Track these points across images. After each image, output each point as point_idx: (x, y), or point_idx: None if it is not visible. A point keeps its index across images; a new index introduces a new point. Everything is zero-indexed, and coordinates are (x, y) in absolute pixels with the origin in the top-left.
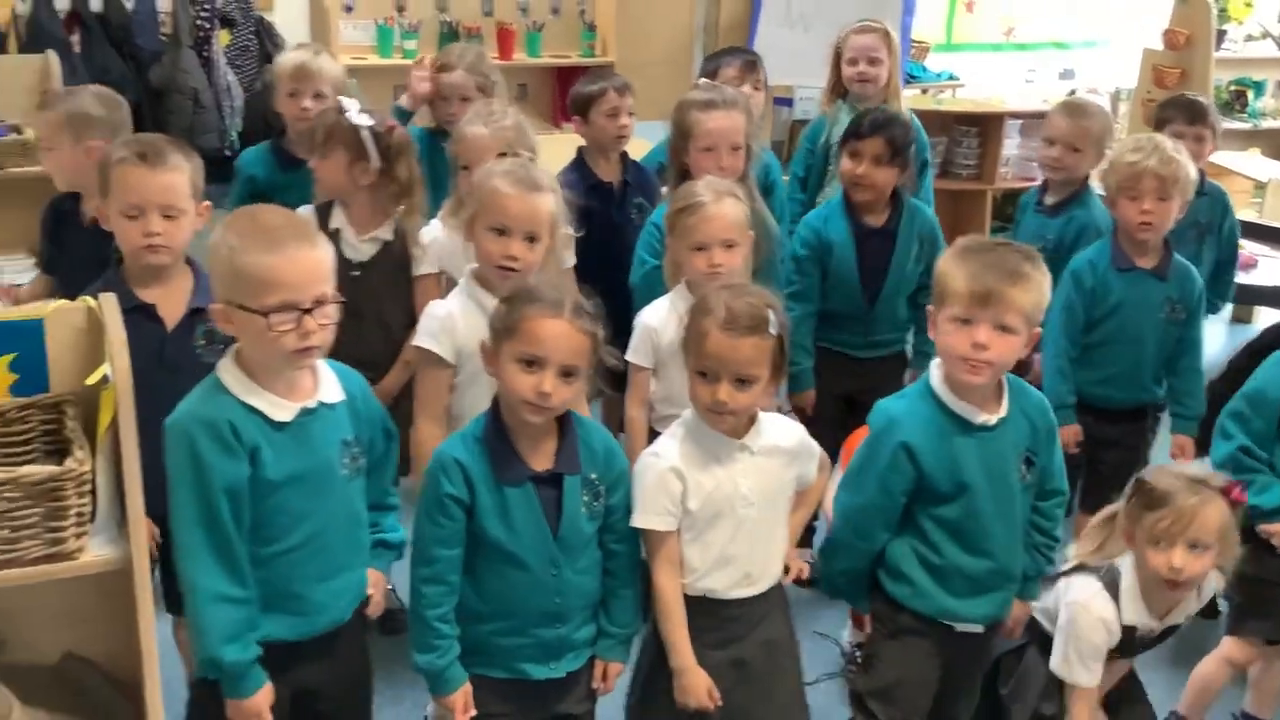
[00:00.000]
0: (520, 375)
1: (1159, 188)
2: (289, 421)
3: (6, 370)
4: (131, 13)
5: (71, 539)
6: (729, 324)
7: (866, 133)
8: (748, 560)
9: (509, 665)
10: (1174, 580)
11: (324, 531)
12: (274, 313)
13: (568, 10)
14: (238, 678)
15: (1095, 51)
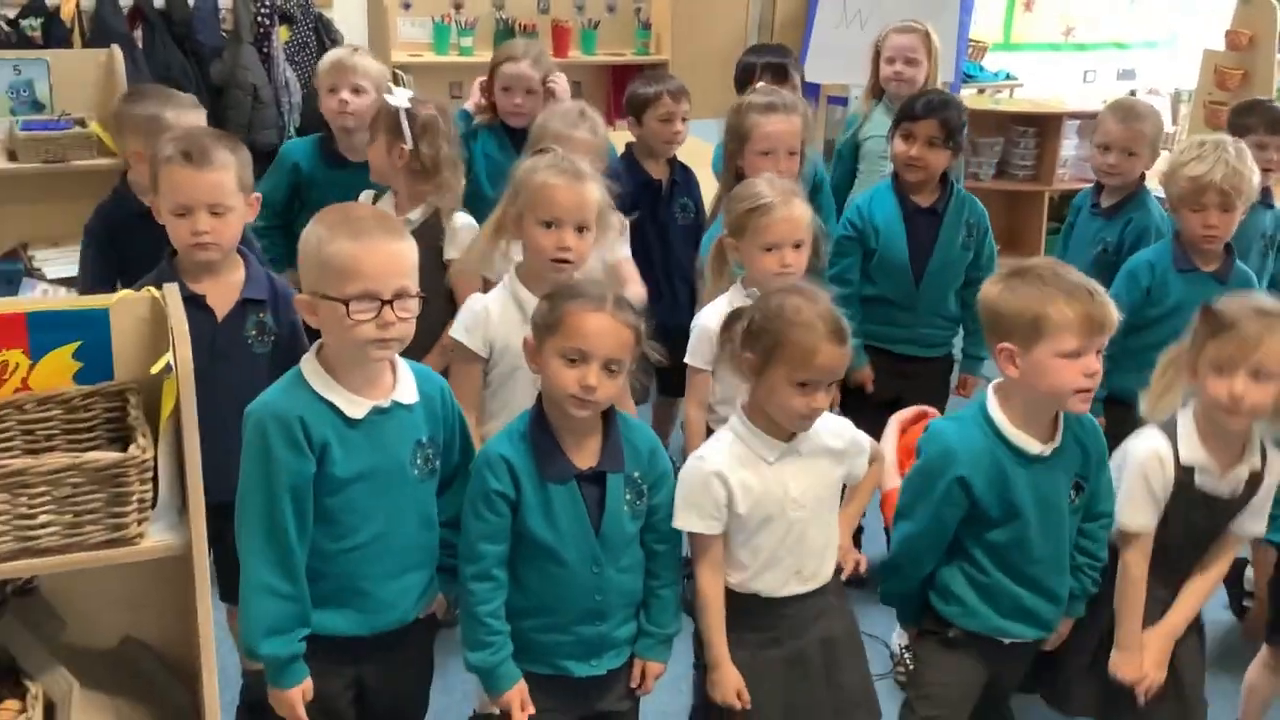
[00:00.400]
0: (564, 370)
1: (1222, 200)
2: (361, 419)
3: (71, 358)
4: (193, 9)
5: (133, 525)
6: (835, 336)
7: (921, 114)
8: (798, 560)
9: (550, 661)
10: (1233, 410)
11: (392, 530)
12: (354, 300)
13: (623, 8)
14: (276, 669)
15: (1155, 52)
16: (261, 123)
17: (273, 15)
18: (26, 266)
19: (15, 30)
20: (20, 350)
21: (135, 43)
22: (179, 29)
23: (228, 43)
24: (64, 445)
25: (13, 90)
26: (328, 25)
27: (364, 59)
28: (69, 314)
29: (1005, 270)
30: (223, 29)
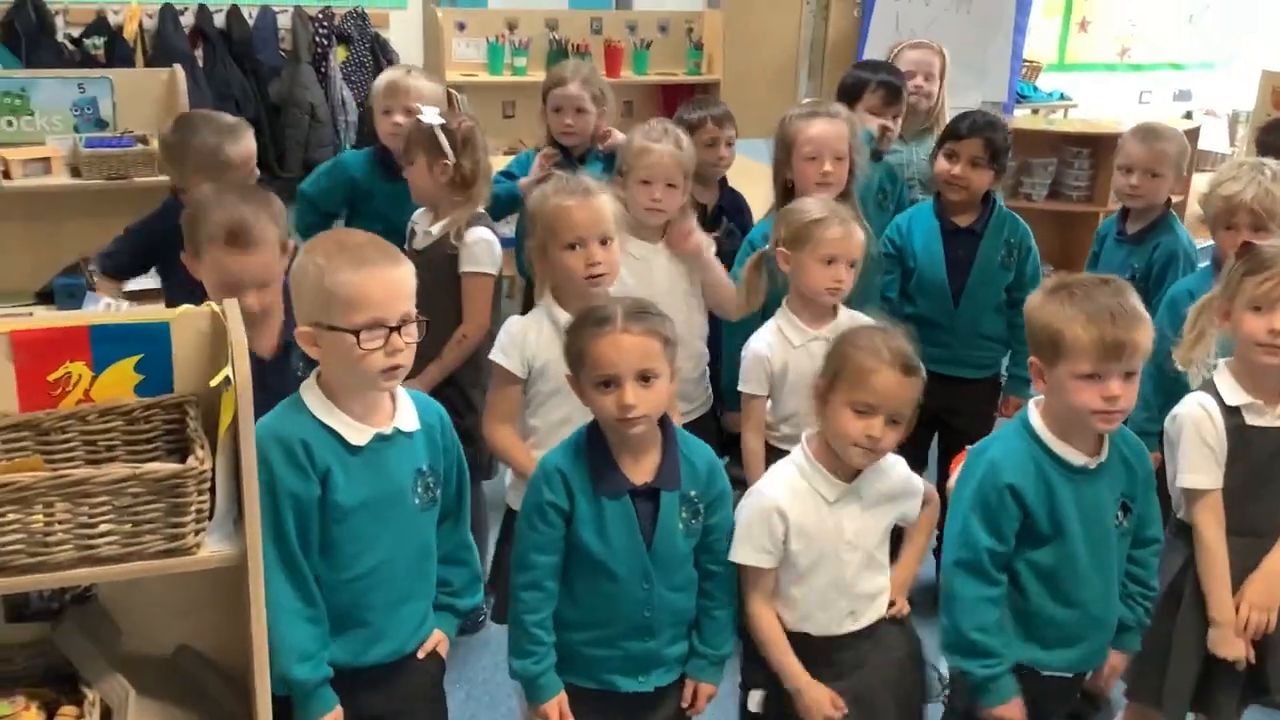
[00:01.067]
0: (602, 398)
1: (1254, 220)
2: (363, 446)
3: (133, 371)
4: (253, 29)
5: (190, 535)
6: (898, 363)
7: (966, 134)
8: (850, 602)
9: (597, 676)
10: (1272, 344)
11: (393, 560)
12: (364, 330)
13: (675, 28)
14: (307, 697)
15: (1213, 73)
16: (318, 140)
17: (331, 35)
18: (88, 281)
19: (79, 49)
20: (83, 362)
21: (196, 61)
22: (239, 48)
23: (286, 62)
24: (124, 456)
25: (77, 108)
26: (384, 45)
27: (418, 80)
28: (131, 327)
29: (1051, 282)
30: (281, 49)
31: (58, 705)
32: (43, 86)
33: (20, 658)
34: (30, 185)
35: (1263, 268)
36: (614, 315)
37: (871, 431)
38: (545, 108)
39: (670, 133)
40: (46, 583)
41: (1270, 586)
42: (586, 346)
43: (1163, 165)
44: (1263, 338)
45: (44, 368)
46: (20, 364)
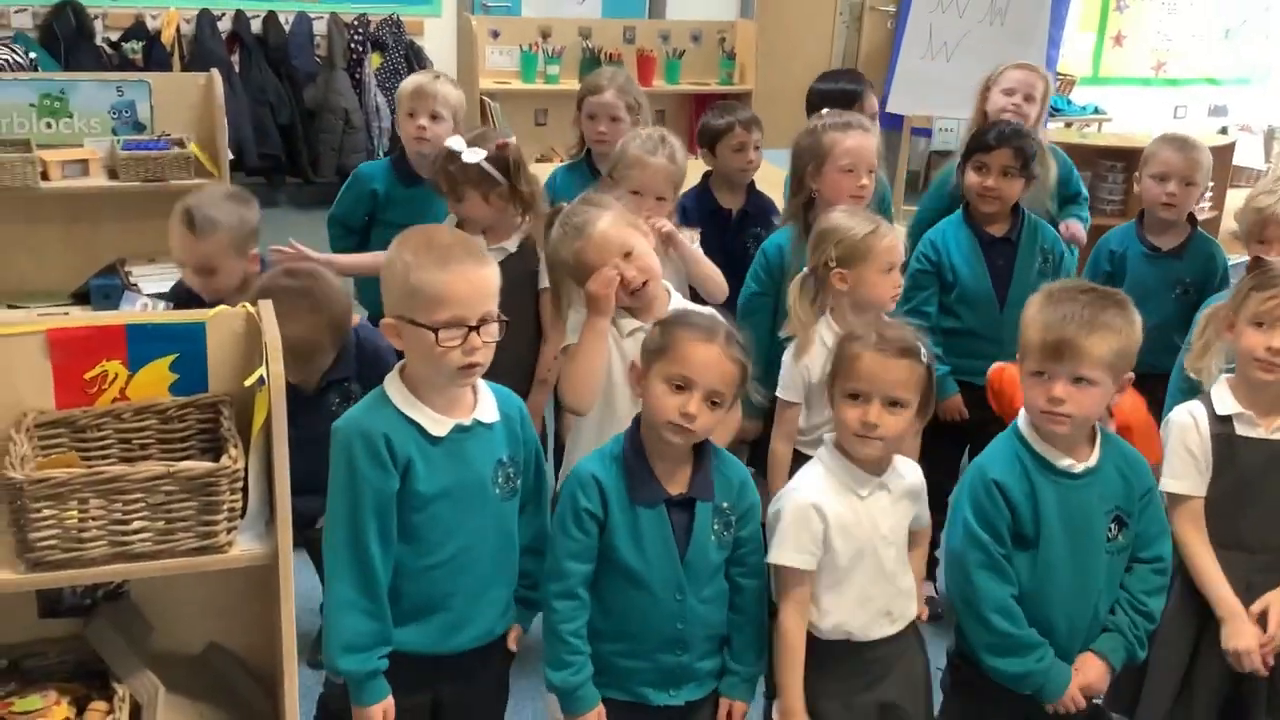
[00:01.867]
0: (667, 395)
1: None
2: (443, 437)
3: (168, 370)
4: (289, 35)
5: (222, 533)
6: (882, 345)
7: (995, 144)
8: (888, 599)
9: (628, 688)
10: (1269, 361)
11: (474, 547)
12: (443, 328)
13: (708, 39)
14: (356, 686)
15: (1249, 88)
16: (352, 147)
17: (366, 42)
18: (124, 282)
19: (118, 53)
20: (120, 361)
21: (232, 67)
22: (275, 54)
23: (321, 68)
24: (159, 454)
25: (115, 111)
26: (418, 53)
27: (444, 86)
28: (167, 327)
29: (1045, 290)
30: (317, 55)
31: (88, 700)
32: (81, 89)
33: (52, 653)
34: (68, 187)
35: (1270, 284)
36: (719, 329)
37: (867, 417)
38: (579, 114)
39: (666, 144)
40: (80, 579)
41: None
42: (678, 343)
43: (1198, 174)
44: (1260, 354)
45: (81, 366)
46: (57, 362)
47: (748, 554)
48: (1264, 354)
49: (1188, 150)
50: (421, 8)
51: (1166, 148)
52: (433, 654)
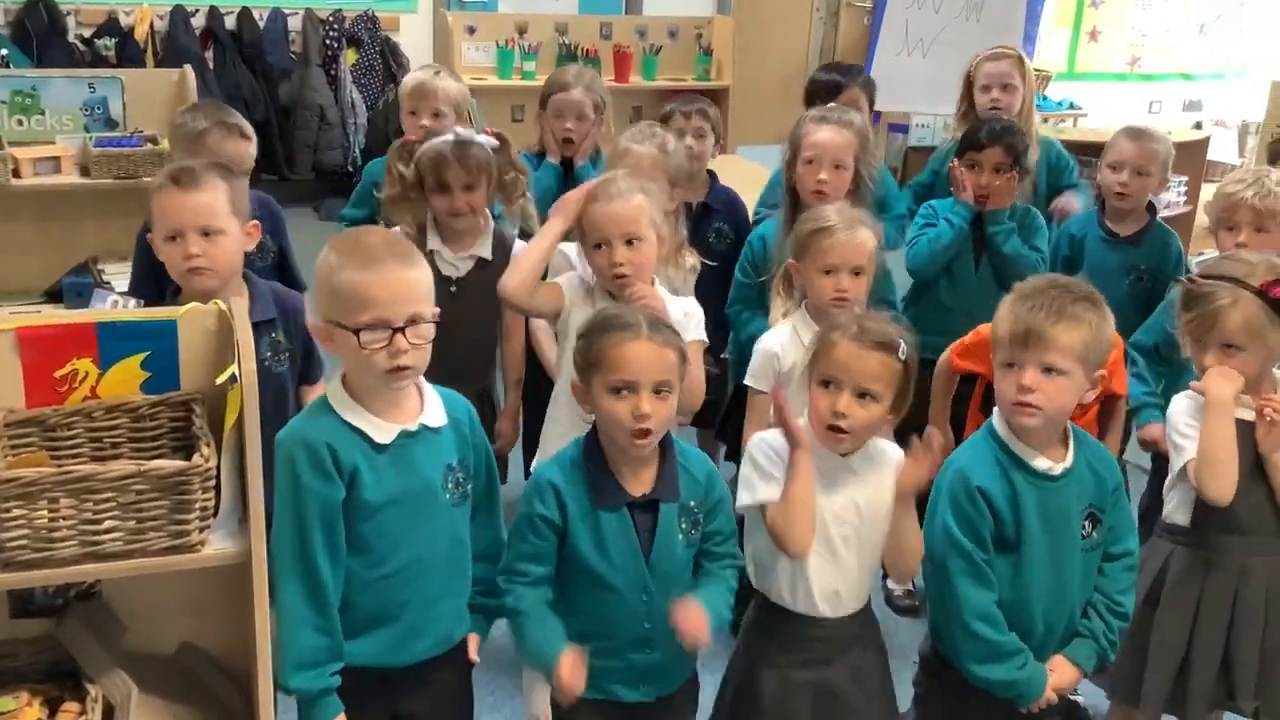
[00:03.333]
0: (615, 404)
1: (1255, 219)
2: (389, 444)
3: (140, 368)
4: (263, 31)
5: (195, 532)
6: (858, 336)
7: (986, 142)
8: (838, 578)
9: (599, 686)
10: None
11: (425, 556)
12: (365, 330)
13: (685, 34)
14: (309, 704)
15: (1223, 83)
16: (327, 143)
17: (341, 38)
18: (96, 280)
19: (91, 50)
20: (90, 359)
21: (207, 63)
22: (249, 50)
23: (296, 64)
24: (130, 453)
25: (87, 108)
26: (394, 49)
27: (445, 82)
28: (138, 325)
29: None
30: (292, 51)
31: (60, 701)
32: (53, 86)
33: (24, 653)
34: (40, 184)
35: (1192, 305)
36: (638, 322)
37: (837, 405)
38: (544, 112)
39: (657, 135)
40: (51, 579)
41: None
42: (607, 351)
43: (1151, 164)
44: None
45: (51, 364)
46: (27, 360)
47: (718, 544)
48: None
49: (1142, 140)
50: (397, 4)
51: (1122, 138)
52: (387, 666)
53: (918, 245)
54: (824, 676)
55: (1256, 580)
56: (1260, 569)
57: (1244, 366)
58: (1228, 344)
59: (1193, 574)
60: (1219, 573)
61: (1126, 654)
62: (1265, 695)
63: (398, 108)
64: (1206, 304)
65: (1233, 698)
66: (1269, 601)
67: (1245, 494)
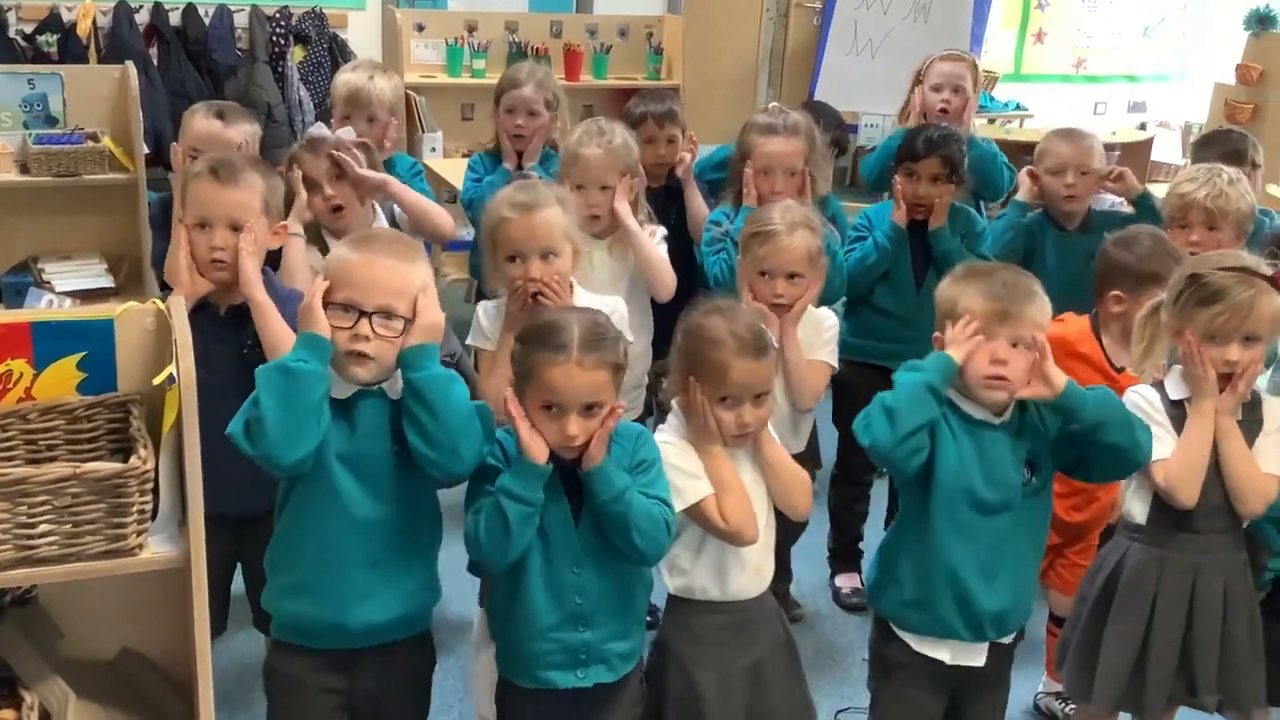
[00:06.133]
0: (546, 421)
1: (1207, 218)
2: (343, 400)
3: (75, 369)
4: (209, 27)
5: (132, 536)
6: (742, 349)
7: (923, 152)
8: (760, 553)
9: (532, 674)
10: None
11: (375, 518)
12: (333, 306)
13: (635, 33)
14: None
15: (1167, 85)
16: (274, 141)
17: (288, 35)
18: (36, 279)
19: (32, 46)
20: (24, 360)
21: (151, 60)
22: (194, 47)
23: (243, 61)
24: (66, 455)
25: (26, 104)
26: (342, 46)
27: (380, 85)
28: (73, 324)
29: (961, 269)
30: (238, 48)
31: None
32: None
33: None
34: None
35: (1215, 299)
36: (570, 343)
37: (743, 419)
38: (497, 109)
39: (605, 133)
40: None
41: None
42: (537, 369)
43: (1091, 160)
44: (1221, 368)
45: None
46: None
47: (648, 487)
48: (1224, 368)
49: (1077, 140)
50: (345, 0)
51: (1057, 141)
52: (342, 650)
53: (848, 261)
54: (755, 655)
55: (1212, 577)
56: (1214, 567)
57: (1259, 357)
58: (1251, 335)
59: (1148, 571)
60: (1174, 570)
61: (1081, 651)
62: (1228, 688)
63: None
64: (1232, 296)
65: (1194, 693)
66: (1227, 597)
67: (1203, 494)
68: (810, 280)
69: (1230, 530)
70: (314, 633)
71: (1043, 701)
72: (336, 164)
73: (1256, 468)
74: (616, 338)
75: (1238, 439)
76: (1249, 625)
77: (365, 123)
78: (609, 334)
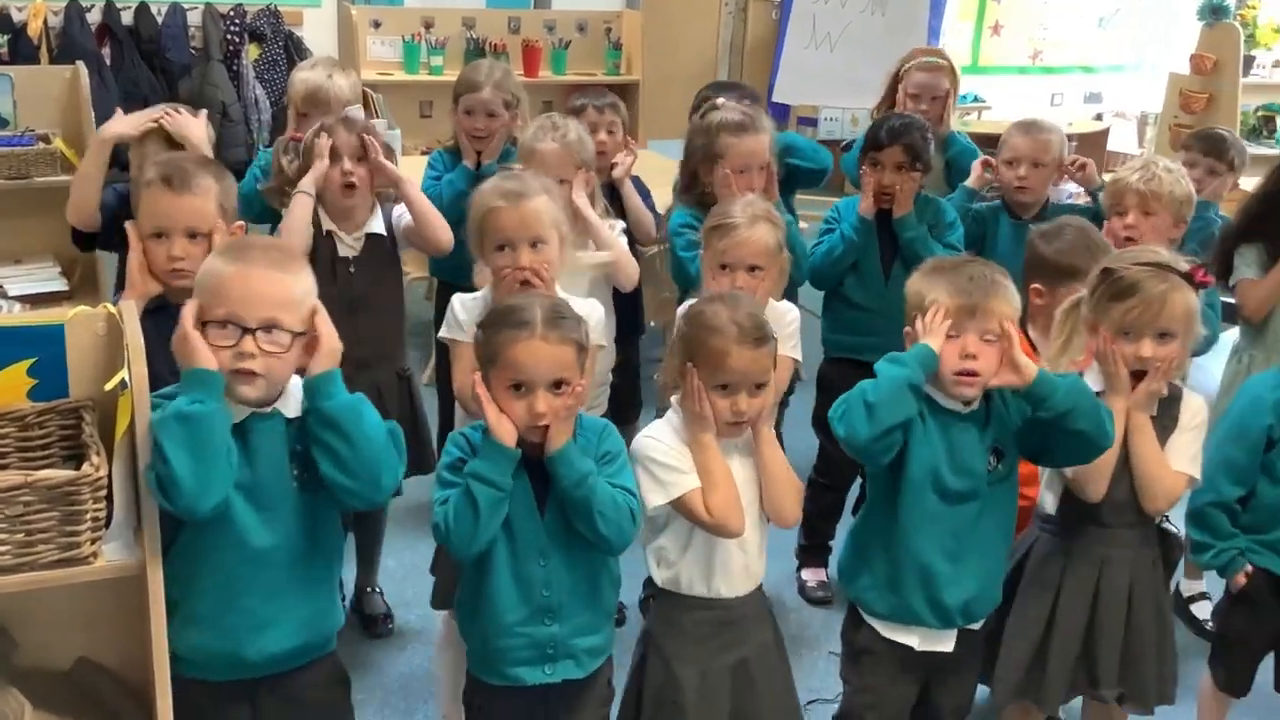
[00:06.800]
0: (513, 402)
1: (1141, 203)
2: (237, 423)
3: (26, 375)
4: (162, 26)
5: (86, 544)
6: (742, 338)
7: (886, 141)
8: (746, 552)
9: (500, 670)
10: (1142, 371)
11: (273, 546)
12: (213, 324)
13: (594, 28)
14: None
15: (1123, 75)
16: (230, 140)
17: (242, 33)
18: None
19: None
20: None
21: (104, 60)
22: (147, 46)
23: (197, 60)
24: (17, 463)
25: None
26: (298, 43)
27: (339, 84)
28: (23, 330)
29: (929, 263)
30: (192, 46)
31: None
32: None
33: None
34: None
35: (1128, 293)
36: (533, 320)
37: (738, 407)
38: (455, 109)
39: (560, 128)
40: None
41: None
42: (502, 348)
43: (1045, 154)
44: (1133, 365)
45: None
46: None
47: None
48: (1136, 364)
49: (1034, 133)
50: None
51: (1015, 133)
52: (239, 657)
53: (816, 254)
54: (740, 654)
55: (1118, 571)
56: (1121, 561)
57: (1173, 354)
58: (1165, 332)
59: (1054, 561)
60: (1080, 562)
61: (991, 633)
62: (1130, 682)
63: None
64: (1146, 291)
65: (1096, 685)
66: (1133, 592)
67: (1111, 488)
68: (770, 273)
69: (1139, 525)
70: (213, 665)
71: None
72: (363, 145)
73: (1165, 466)
74: (578, 319)
75: (1149, 437)
76: (1156, 620)
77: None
78: (570, 314)
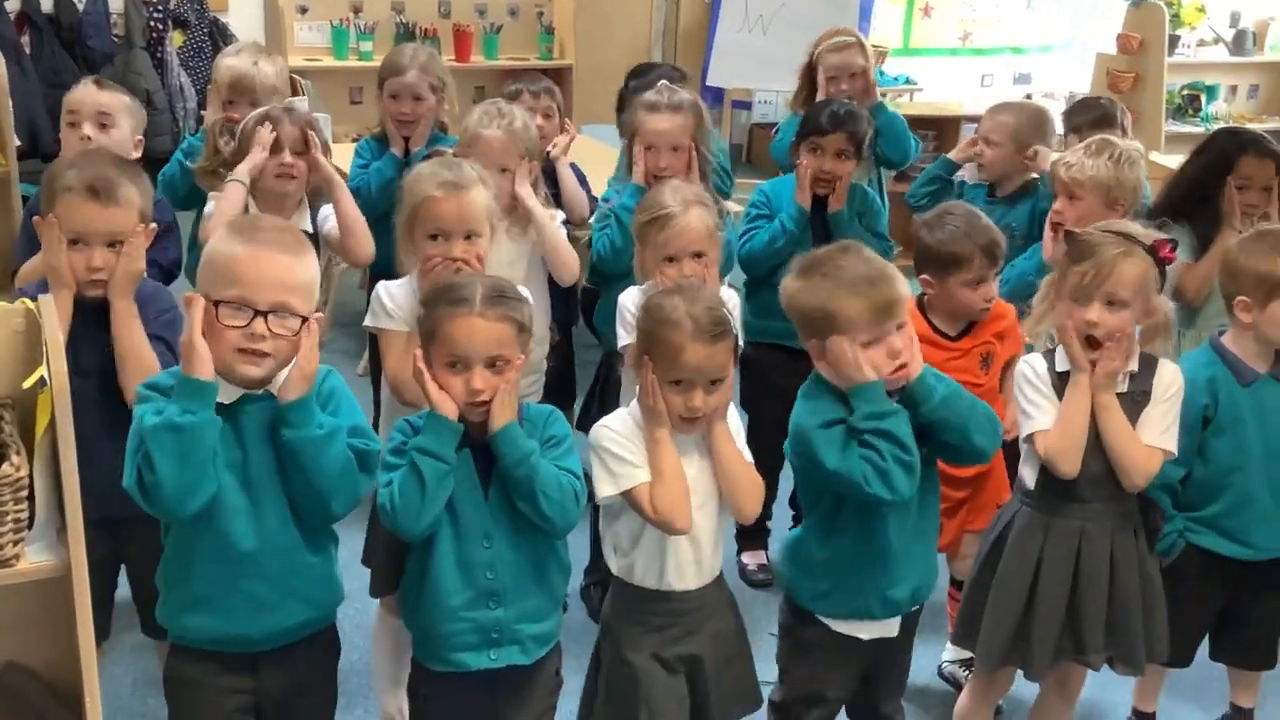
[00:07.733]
0: (451, 379)
1: (1064, 189)
2: (229, 405)
3: None
4: (83, 13)
5: (8, 545)
6: (700, 333)
7: (829, 128)
8: (697, 547)
9: (443, 656)
10: (1091, 336)
11: (269, 531)
12: (225, 305)
13: (526, 12)
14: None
15: (1051, 56)
16: (155, 129)
17: (166, 20)
18: None
19: None
20: None
21: (23, 49)
22: (68, 34)
23: (119, 48)
24: None
25: None
26: (223, 30)
27: (264, 70)
28: None
29: (798, 264)
30: (114, 34)
31: None
32: None
33: None
34: None
35: (1083, 257)
36: (472, 297)
37: (694, 403)
38: (381, 94)
39: (505, 115)
40: None
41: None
42: (440, 324)
43: (997, 133)
44: (1081, 329)
45: None
46: None
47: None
48: (1084, 328)
49: (994, 113)
50: None
51: (986, 112)
52: (244, 636)
53: (752, 243)
54: (691, 648)
55: (1099, 543)
56: (1100, 533)
57: (1125, 325)
58: (1114, 300)
59: (1033, 534)
60: (1059, 535)
61: (969, 608)
62: (1119, 645)
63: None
64: (1099, 254)
65: (1082, 651)
66: (1114, 562)
67: (1086, 464)
68: (713, 256)
69: (1117, 499)
70: (216, 641)
71: (947, 670)
72: (305, 139)
73: (1136, 443)
74: (520, 299)
75: (1116, 414)
76: (1141, 587)
77: (248, 108)
78: (513, 294)
